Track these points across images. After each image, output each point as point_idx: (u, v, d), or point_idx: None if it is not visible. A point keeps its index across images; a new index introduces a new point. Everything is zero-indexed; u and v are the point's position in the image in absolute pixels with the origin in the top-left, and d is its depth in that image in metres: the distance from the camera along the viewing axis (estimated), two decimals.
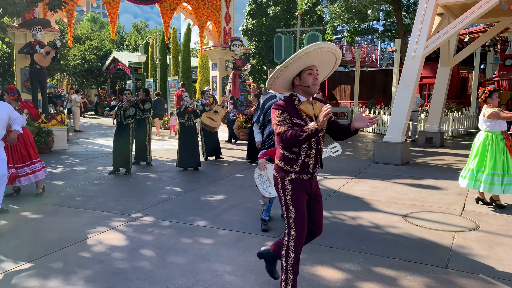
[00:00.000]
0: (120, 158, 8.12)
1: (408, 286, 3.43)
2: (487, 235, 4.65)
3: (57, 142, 11.14)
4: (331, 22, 19.32)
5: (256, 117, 5.27)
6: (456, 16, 10.52)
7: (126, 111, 8.05)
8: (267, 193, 4.56)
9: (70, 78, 33.22)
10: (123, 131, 8.18)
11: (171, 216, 5.36)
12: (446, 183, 7.22)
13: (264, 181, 4.56)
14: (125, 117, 8.08)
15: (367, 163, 9.24)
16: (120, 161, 8.13)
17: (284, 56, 13.14)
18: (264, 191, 4.56)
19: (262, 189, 4.58)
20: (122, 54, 29.71)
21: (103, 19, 51.98)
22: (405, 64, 9.64)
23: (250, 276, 3.62)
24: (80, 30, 35.26)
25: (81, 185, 7.15)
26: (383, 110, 16.38)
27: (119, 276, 3.61)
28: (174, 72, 20.39)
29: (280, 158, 3.04)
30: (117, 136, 8.21)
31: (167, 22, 14.07)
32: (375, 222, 5.13)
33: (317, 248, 4.23)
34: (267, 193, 4.56)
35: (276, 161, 3.10)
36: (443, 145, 12.26)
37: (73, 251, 4.16)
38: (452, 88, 17.70)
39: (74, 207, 5.76)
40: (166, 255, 4.07)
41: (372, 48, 32.05)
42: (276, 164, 3.08)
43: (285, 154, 3.00)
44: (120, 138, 8.16)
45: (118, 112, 8.15)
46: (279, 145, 3.01)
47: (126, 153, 8.11)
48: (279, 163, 3.05)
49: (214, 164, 9.23)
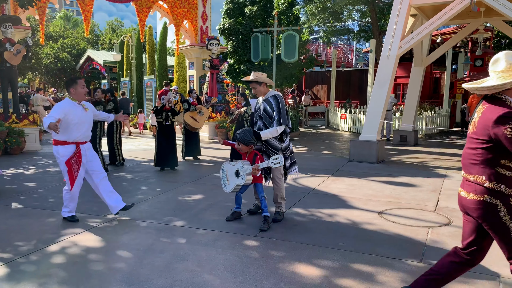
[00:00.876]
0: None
1: (385, 281, 3.50)
2: (460, 230, 4.77)
3: (29, 142, 10.85)
4: (308, 22, 19.50)
5: None
6: (428, 17, 10.78)
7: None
8: (224, 188, 4.99)
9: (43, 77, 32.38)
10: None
11: (148, 216, 5.29)
12: (420, 181, 7.38)
13: (224, 177, 4.97)
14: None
15: (344, 162, 9.36)
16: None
17: (262, 56, 13.15)
18: (223, 186, 5.00)
19: (222, 184, 5.00)
20: (97, 53, 29.17)
21: (76, 17, 50.86)
22: (380, 64, 9.81)
23: (229, 275, 3.61)
24: (52, 28, 34.42)
25: (55, 186, 6.98)
26: (358, 109, 16.62)
27: (95, 278, 3.54)
28: (150, 71, 20.15)
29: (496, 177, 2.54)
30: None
31: (142, 21, 13.88)
32: (352, 219, 5.20)
33: (295, 246, 4.26)
34: (224, 188, 4.99)
35: (487, 183, 2.56)
36: (417, 143, 12.53)
37: (46, 254, 4.06)
38: (425, 87, 18.12)
39: (48, 209, 5.62)
40: (143, 255, 4.02)
41: (347, 49, 32.48)
42: (490, 188, 2.56)
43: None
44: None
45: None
46: None
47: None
48: (495, 185, 2.54)
49: (192, 164, 9.17)
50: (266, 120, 4.95)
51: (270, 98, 5.01)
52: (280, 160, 4.53)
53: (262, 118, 4.99)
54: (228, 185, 4.91)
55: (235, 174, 4.81)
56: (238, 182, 4.80)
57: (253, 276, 3.58)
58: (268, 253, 4.09)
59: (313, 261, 3.90)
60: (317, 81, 25.31)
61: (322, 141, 13.41)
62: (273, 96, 5.02)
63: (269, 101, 5.00)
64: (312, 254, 4.06)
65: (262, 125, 4.98)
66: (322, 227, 4.87)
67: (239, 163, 4.79)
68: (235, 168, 4.82)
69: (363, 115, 15.52)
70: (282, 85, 16.72)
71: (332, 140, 13.79)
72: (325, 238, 4.50)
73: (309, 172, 8.14)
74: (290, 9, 15.81)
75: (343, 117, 16.74)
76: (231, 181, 4.87)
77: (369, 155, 9.28)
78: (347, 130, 16.51)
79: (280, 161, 4.53)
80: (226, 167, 4.95)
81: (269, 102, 4.99)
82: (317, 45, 28.01)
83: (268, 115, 4.95)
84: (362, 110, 16.27)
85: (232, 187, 4.87)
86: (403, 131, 12.56)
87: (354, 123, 16.18)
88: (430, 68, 19.65)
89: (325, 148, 11.69)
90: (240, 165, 4.78)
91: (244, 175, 4.73)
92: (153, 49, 20.75)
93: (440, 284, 2.90)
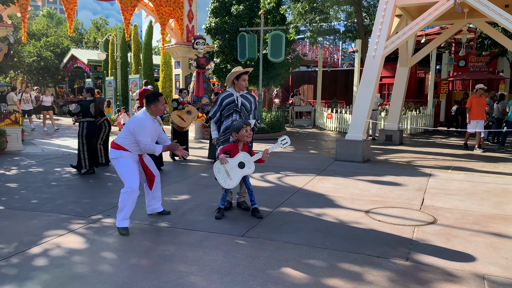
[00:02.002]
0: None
1: (372, 280, 3.50)
2: (445, 228, 4.83)
3: (11, 142, 10.63)
4: (294, 22, 19.53)
5: (213, 112, 5.46)
6: (413, 17, 10.90)
7: (62, 106, 8.05)
8: (226, 185, 5.02)
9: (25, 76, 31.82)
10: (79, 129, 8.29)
11: (133, 217, 5.21)
12: (405, 179, 7.44)
13: (223, 174, 5.00)
14: (71, 115, 8.12)
15: (330, 161, 9.39)
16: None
17: (248, 55, 13.12)
18: (224, 183, 5.01)
19: (222, 181, 5.01)
20: (81, 51, 28.77)
21: (60, 15, 50.04)
22: (365, 63, 9.87)
23: (216, 275, 3.57)
24: (35, 26, 33.82)
25: (38, 187, 6.84)
26: (344, 109, 16.71)
27: (78, 281, 3.47)
28: (136, 70, 19.94)
29: None
30: None
31: (127, 19, 13.72)
32: (339, 218, 5.21)
33: (282, 245, 4.24)
34: (226, 185, 5.01)
35: None
36: (402, 142, 12.65)
37: (28, 256, 3.96)
38: (410, 87, 18.35)
39: (30, 210, 5.49)
40: (128, 257, 3.95)
41: (333, 49, 32.67)
42: None
43: None
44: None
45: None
46: None
47: (78, 153, 8.02)
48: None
49: (178, 164, 9.09)
50: (243, 113, 5.32)
51: (247, 95, 5.41)
52: (288, 140, 4.90)
53: (238, 111, 5.30)
54: (231, 180, 4.98)
55: (239, 166, 4.98)
56: (246, 173, 4.99)
57: (240, 276, 3.55)
58: (255, 253, 4.06)
59: (300, 260, 3.89)
60: (304, 81, 25.39)
61: (308, 141, 13.44)
62: (249, 94, 5.46)
63: (247, 97, 5.39)
64: (300, 253, 4.05)
65: (239, 117, 5.28)
66: (309, 227, 4.87)
67: (241, 155, 4.99)
68: (237, 161, 4.99)
69: (349, 114, 15.61)
70: (268, 84, 16.71)
71: (318, 139, 13.83)
72: (312, 238, 4.49)
73: (296, 171, 8.14)
74: (276, 9, 15.82)
75: (329, 116, 16.81)
76: (233, 175, 4.98)
77: (355, 155, 9.33)
78: (333, 130, 16.59)
79: (287, 141, 4.90)
80: (223, 164, 5.00)
81: (246, 98, 5.39)
82: (303, 45, 28.11)
83: (246, 109, 5.36)
84: (348, 110, 16.37)
85: (237, 180, 4.99)
86: (389, 131, 12.67)
87: (340, 122, 16.27)
88: (414, 68, 19.88)
89: (311, 148, 11.71)
90: (243, 156, 4.98)
91: (251, 163, 4.98)
92: (139, 48, 20.54)
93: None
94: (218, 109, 5.39)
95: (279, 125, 14.83)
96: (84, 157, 7.88)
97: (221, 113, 5.39)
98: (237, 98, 5.34)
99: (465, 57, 18.83)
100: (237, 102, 5.33)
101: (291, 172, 8.01)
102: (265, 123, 14.35)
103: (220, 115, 5.41)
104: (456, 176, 7.75)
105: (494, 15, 8.51)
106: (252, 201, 5.25)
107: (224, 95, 5.41)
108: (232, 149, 5.06)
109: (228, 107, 5.33)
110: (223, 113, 5.37)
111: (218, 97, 5.45)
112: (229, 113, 5.34)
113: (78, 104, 7.95)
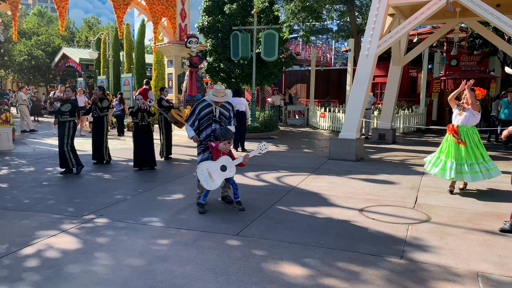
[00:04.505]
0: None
1: (367, 279, 3.50)
2: (438, 226, 4.85)
3: (1, 142, 10.51)
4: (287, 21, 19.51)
5: (191, 122, 5.56)
6: (406, 17, 10.93)
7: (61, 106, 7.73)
8: (208, 187, 5.26)
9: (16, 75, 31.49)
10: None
11: (126, 217, 5.17)
12: (399, 178, 7.47)
13: (205, 176, 5.25)
14: (61, 113, 7.71)
15: (324, 160, 9.39)
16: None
17: (241, 54, 13.08)
18: (206, 184, 5.25)
19: (204, 183, 5.25)
20: (73, 50, 28.54)
21: (51, 13, 49.60)
22: (359, 62, 9.88)
23: (210, 275, 3.55)
24: (26, 24, 33.50)
25: (29, 187, 6.76)
26: (338, 108, 16.75)
27: (71, 281, 3.42)
28: (128, 69, 19.81)
29: None
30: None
31: (120, 18, 13.60)
32: (333, 216, 5.21)
33: (277, 244, 4.23)
34: (208, 186, 5.26)
35: None
36: (395, 141, 12.70)
37: (20, 257, 3.91)
38: (402, 86, 18.42)
39: (22, 210, 5.42)
40: (122, 257, 3.92)
41: (326, 48, 32.73)
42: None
43: None
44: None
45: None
46: None
47: (61, 151, 7.74)
48: None
49: (171, 163, 9.04)
50: (223, 122, 5.53)
51: (225, 103, 5.60)
52: (266, 146, 5.29)
53: (218, 121, 5.49)
54: (213, 182, 5.25)
55: (221, 169, 5.26)
56: (227, 175, 5.30)
57: (235, 276, 3.53)
58: (249, 252, 4.04)
59: (295, 259, 3.88)
60: (297, 80, 25.40)
61: (302, 140, 13.45)
62: (227, 103, 5.67)
63: (225, 106, 5.60)
64: (294, 252, 4.04)
65: (219, 126, 5.47)
66: (303, 225, 4.86)
67: (223, 158, 5.27)
68: (219, 164, 5.27)
69: (342, 113, 15.64)
70: (262, 83, 16.69)
71: (312, 138, 13.84)
72: (307, 236, 4.48)
73: (289, 170, 8.13)
74: (270, 8, 15.79)
75: (322, 115, 16.83)
76: (216, 177, 5.25)
77: (349, 153, 9.34)
78: (327, 129, 16.61)
79: (266, 146, 5.29)
80: (206, 166, 5.27)
81: (225, 107, 5.58)
82: (296, 44, 28.13)
83: (226, 117, 5.58)
84: (341, 109, 16.39)
85: (219, 182, 5.27)
86: (382, 130, 12.71)
87: (334, 121, 16.29)
88: (407, 67, 19.96)
89: (305, 147, 11.72)
90: (225, 160, 5.27)
91: (233, 167, 5.27)
92: (131, 46, 20.41)
93: None
94: (196, 118, 5.51)
95: (273, 124, 14.81)
96: (70, 156, 7.76)
97: (200, 122, 5.50)
98: (215, 109, 5.49)
99: (457, 56, 18.95)
100: (215, 113, 5.48)
101: (285, 171, 8.00)
102: (259, 122, 14.32)
103: (198, 123, 5.52)
104: None
105: (486, 14, 8.57)
106: (236, 195, 5.48)
107: (202, 105, 5.51)
108: (214, 151, 5.34)
109: (207, 117, 5.47)
110: (201, 122, 5.48)
111: (195, 106, 5.54)
112: (208, 123, 5.47)
113: (69, 103, 7.82)
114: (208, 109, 5.46)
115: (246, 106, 10.59)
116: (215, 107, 5.47)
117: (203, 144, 5.53)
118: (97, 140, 8.77)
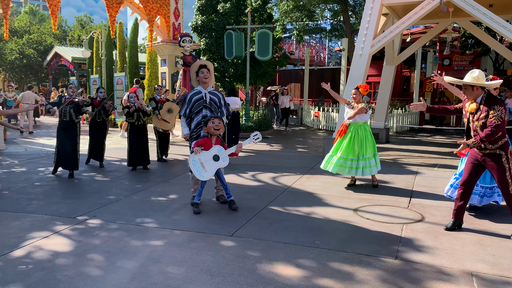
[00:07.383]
0: (70, 159, 7.42)
1: (362, 279, 3.49)
2: (432, 226, 4.86)
3: None
4: (281, 20, 19.52)
5: (183, 111, 5.61)
6: (399, 16, 10.96)
7: (83, 106, 7.52)
8: (201, 177, 5.20)
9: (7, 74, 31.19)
10: (70, 129, 7.45)
11: (119, 217, 5.13)
12: (392, 177, 7.48)
13: (198, 166, 5.18)
14: (81, 113, 7.49)
15: (318, 159, 9.39)
16: (69, 163, 7.44)
17: (235, 53, 13.05)
18: (199, 175, 5.19)
19: (197, 173, 5.18)
20: (65, 49, 28.30)
21: (43, 12, 49.13)
22: (353, 62, 9.90)
23: (205, 276, 3.52)
24: (17, 23, 33.16)
25: (21, 187, 6.68)
26: (331, 107, 16.77)
27: (63, 284, 3.38)
28: (121, 68, 19.67)
29: None
30: (64, 135, 7.47)
31: (113, 16, 13.49)
32: (328, 216, 5.20)
33: (272, 245, 4.21)
34: (201, 176, 5.19)
35: None
36: (389, 140, 12.74)
37: (11, 259, 3.86)
38: (396, 86, 18.48)
39: (13, 211, 5.36)
40: (115, 259, 3.88)
41: (320, 47, 32.79)
42: None
43: None
44: (67, 137, 7.45)
45: (64, 109, 7.38)
46: None
47: (75, 154, 7.45)
48: None
49: (165, 163, 8.99)
50: (214, 108, 5.51)
51: (214, 91, 5.63)
52: (259, 136, 5.21)
53: (208, 107, 5.48)
54: (206, 172, 5.19)
55: (213, 159, 5.21)
56: (220, 165, 5.24)
57: (230, 277, 3.51)
58: (244, 253, 4.02)
59: (290, 260, 3.86)
60: (291, 79, 25.41)
61: (296, 139, 13.45)
62: (216, 90, 5.71)
63: (215, 93, 5.60)
64: (289, 253, 4.03)
65: (210, 113, 5.44)
66: (298, 225, 4.85)
67: (216, 148, 5.23)
68: (211, 154, 5.22)
69: (336, 113, 15.66)
70: (256, 83, 16.67)
71: (306, 137, 13.85)
72: (302, 237, 4.47)
73: (284, 170, 8.12)
74: (263, 7, 15.78)
75: (316, 115, 16.84)
76: (208, 167, 5.20)
77: None
78: (321, 128, 16.62)
79: (259, 136, 5.21)
80: (198, 156, 5.19)
81: (215, 94, 5.58)
82: (290, 44, 28.14)
83: (216, 104, 5.56)
84: (335, 108, 16.42)
85: (212, 172, 5.22)
86: (375, 129, 12.71)
87: (328, 121, 16.31)
88: (400, 67, 20.04)
89: (299, 146, 11.71)
90: (217, 149, 5.22)
91: (226, 156, 5.24)
92: (124, 45, 20.27)
93: None
94: (187, 106, 5.56)
95: (267, 123, 14.80)
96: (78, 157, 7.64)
97: (191, 110, 5.54)
98: (206, 95, 5.55)
99: (449, 56, 19.06)
100: (206, 98, 5.53)
101: (279, 171, 7.99)
102: (253, 122, 14.30)
103: (190, 111, 5.57)
104: (443, 174, 7.83)
105: (479, 14, 8.61)
106: (228, 194, 5.47)
107: (192, 93, 5.60)
108: (205, 143, 5.26)
109: (197, 103, 5.51)
110: (192, 109, 5.53)
111: (186, 95, 5.63)
112: (199, 109, 5.51)
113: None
114: (199, 95, 5.52)
115: (239, 105, 10.55)
116: (204, 93, 5.52)
117: (193, 133, 5.53)
118: (100, 141, 8.60)
